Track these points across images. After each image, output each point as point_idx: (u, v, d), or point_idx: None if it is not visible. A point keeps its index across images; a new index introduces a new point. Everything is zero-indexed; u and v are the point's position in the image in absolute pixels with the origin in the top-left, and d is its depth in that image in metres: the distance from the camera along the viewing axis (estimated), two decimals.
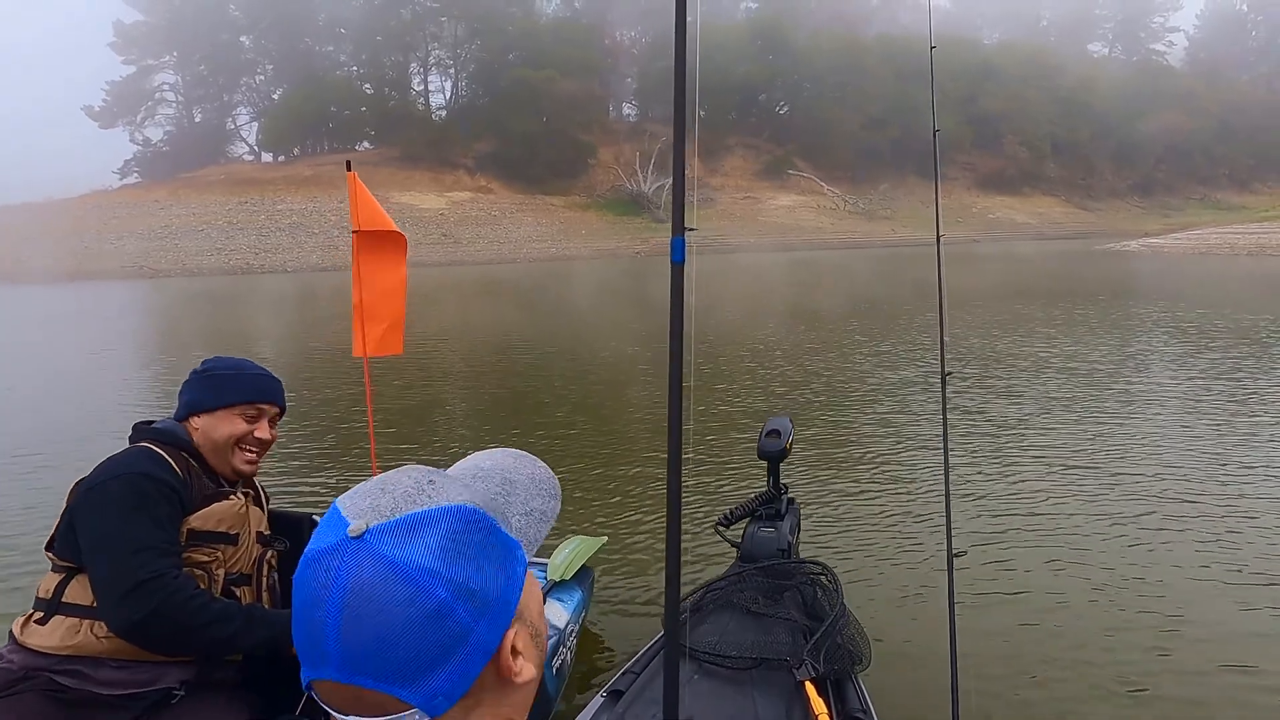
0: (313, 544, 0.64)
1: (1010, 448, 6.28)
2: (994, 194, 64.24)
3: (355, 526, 0.62)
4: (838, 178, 63.47)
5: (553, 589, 3.16)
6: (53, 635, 1.78)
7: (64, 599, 1.81)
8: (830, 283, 25.20)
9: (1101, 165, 72.01)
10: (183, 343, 15.16)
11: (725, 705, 2.22)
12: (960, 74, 65.06)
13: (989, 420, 7.15)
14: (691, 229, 1.99)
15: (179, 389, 2.14)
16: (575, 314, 18.48)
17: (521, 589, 0.67)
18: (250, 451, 2.11)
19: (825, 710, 2.13)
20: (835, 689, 2.28)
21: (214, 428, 2.06)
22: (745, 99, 66.76)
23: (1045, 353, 10.54)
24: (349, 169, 3.03)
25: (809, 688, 2.19)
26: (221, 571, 1.93)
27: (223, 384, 2.10)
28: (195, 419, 2.07)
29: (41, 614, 1.82)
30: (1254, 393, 8.00)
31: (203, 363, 2.16)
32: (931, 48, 2.68)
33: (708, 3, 70.29)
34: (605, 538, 3.80)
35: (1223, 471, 5.60)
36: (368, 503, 0.64)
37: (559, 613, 3.00)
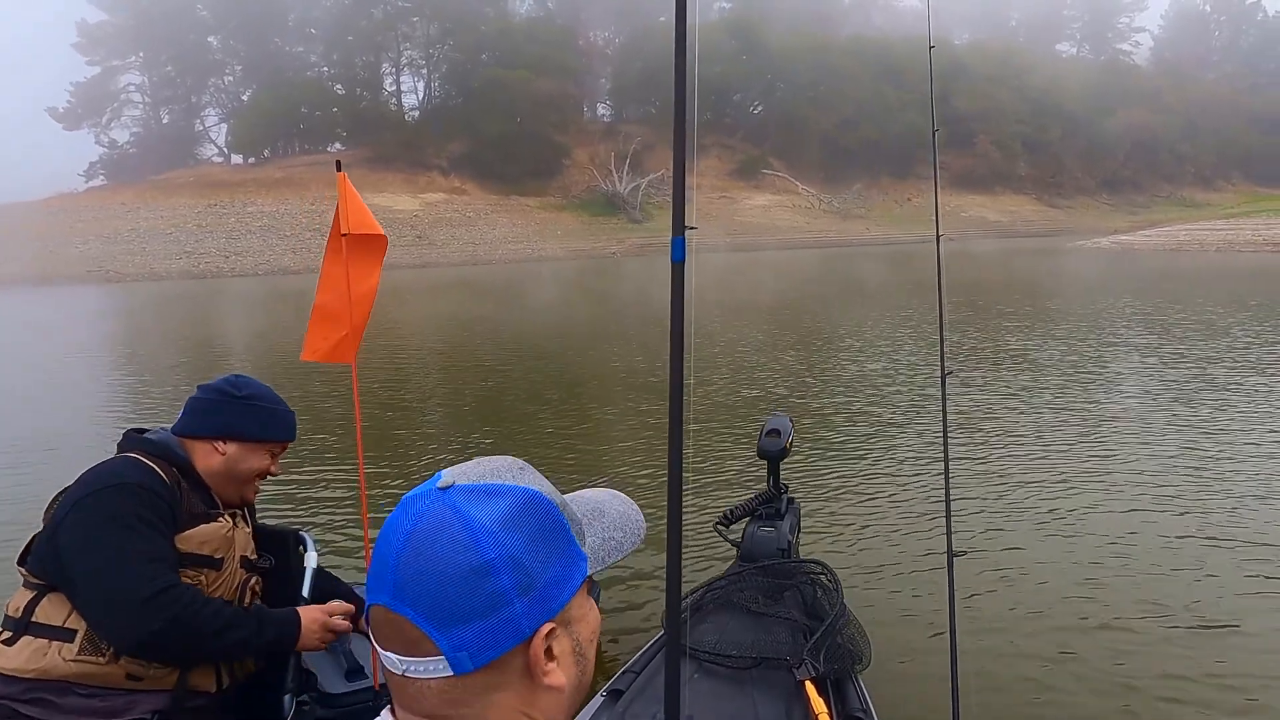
0: (408, 494, 0.71)
1: (1010, 446, 6.30)
2: (966, 193, 64.86)
3: (444, 481, 0.69)
4: (812, 177, 63.80)
5: None
6: (19, 657, 1.68)
7: (34, 618, 1.71)
8: (815, 281, 25.31)
9: (1071, 163, 72.97)
10: (155, 348, 14.91)
11: (725, 705, 2.21)
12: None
13: (988, 418, 7.16)
14: (692, 228, 1.96)
15: (192, 401, 2.01)
16: (557, 316, 18.40)
17: (574, 593, 0.71)
18: (259, 482, 2.07)
19: (825, 710, 2.12)
20: (835, 688, 2.28)
21: (245, 459, 2.00)
22: (720, 99, 66.93)
23: (1039, 351, 10.57)
24: (339, 169, 2.87)
25: (809, 687, 2.19)
26: None
27: (269, 418, 2.04)
28: (224, 444, 1.98)
29: (10, 634, 1.72)
30: (1243, 385, 8.13)
31: (234, 384, 2.04)
32: (930, 47, 2.67)
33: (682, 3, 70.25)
34: None
35: (1219, 464, 5.65)
36: (463, 469, 0.72)
37: None
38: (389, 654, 0.67)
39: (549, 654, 0.68)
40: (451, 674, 0.66)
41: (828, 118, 65.17)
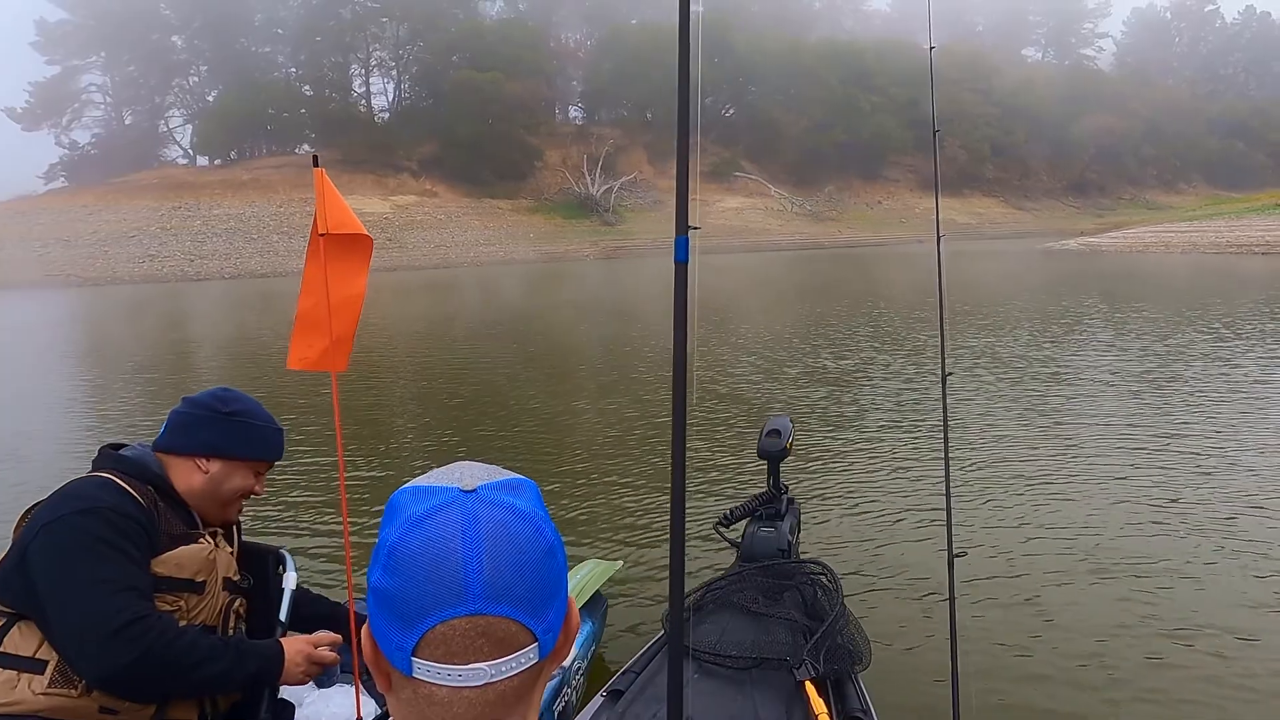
0: (415, 508, 0.67)
1: (1010, 446, 6.29)
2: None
3: (468, 484, 0.67)
4: (784, 180, 64.23)
5: None
6: None
7: (2, 649, 1.60)
8: (800, 281, 25.41)
9: (1037, 166, 74.25)
10: (122, 354, 14.62)
11: (725, 705, 2.19)
12: (901, 78, 66.57)
13: (989, 418, 7.14)
14: (696, 228, 1.92)
15: (175, 416, 1.90)
16: (540, 317, 18.31)
17: None
18: (243, 502, 1.97)
19: (825, 710, 2.11)
20: (835, 689, 2.27)
21: (229, 478, 1.89)
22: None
23: (1039, 354, 10.58)
24: (316, 164, 2.69)
25: (809, 687, 2.18)
26: (183, 623, 1.73)
27: (256, 437, 1.94)
28: (207, 462, 1.88)
29: None
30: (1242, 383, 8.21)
31: (221, 398, 1.92)
32: (930, 48, 2.65)
33: (650, 4, 70.47)
34: (620, 562, 3.60)
35: (1218, 463, 5.67)
36: (458, 474, 0.69)
37: None
38: (472, 667, 0.65)
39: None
40: (537, 660, 0.67)
41: (799, 121, 65.67)
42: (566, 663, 2.65)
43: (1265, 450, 5.91)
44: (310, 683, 1.91)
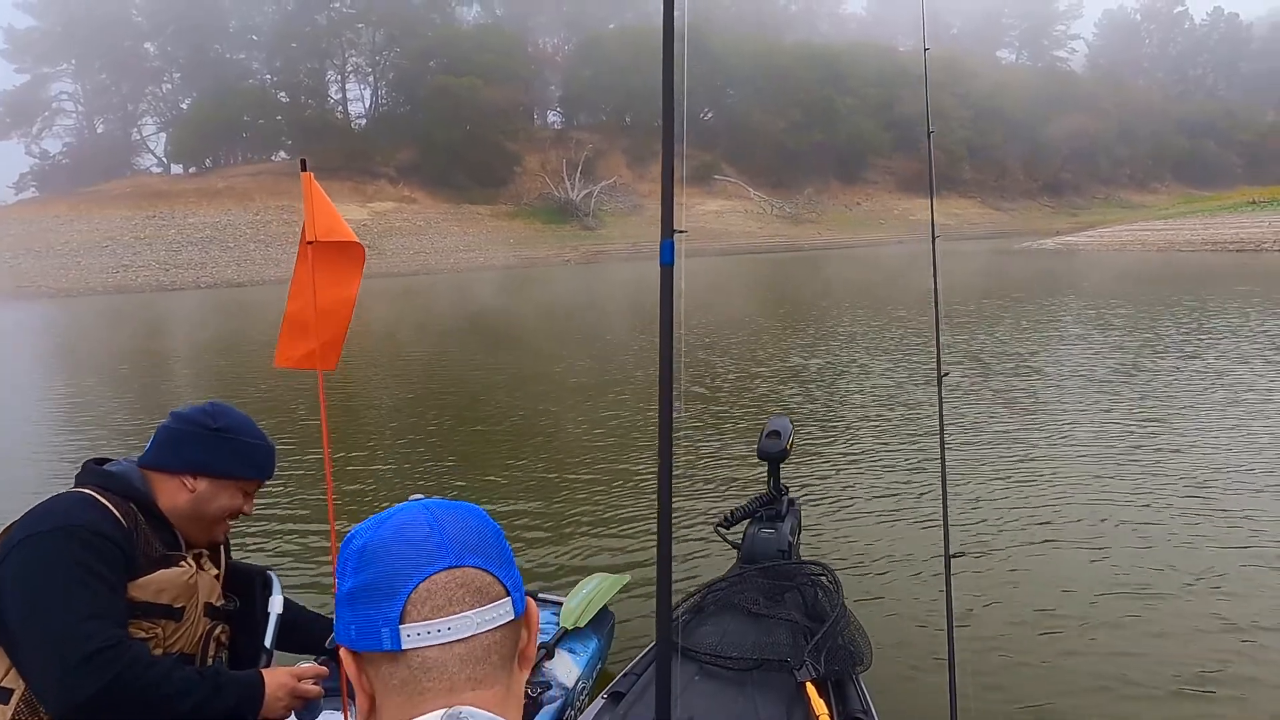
0: (373, 519, 0.75)
1: (1004, 444, 6.30)
2: (914, 197, 66.18)
3: (415, 499, 0.77)
4: (763, 182, 64.44)
5: (564, 638, 2.77)
6: None
7: None
8: (790, 282, 25.46)
9: (1013, 167, 75.04)
10: (99, 367, 14.41)
11: (726, 706, 2.20)
12: (878, 80, 67.00)
13: (986, 419, 7.13)
14: (681, 231, 1.92)
15: (162, 431, 1.83)
16: (527, 322, 18.24)
17: None
18: (229, 522, 1.90)
19: (826, 711, 2.11)
20: (836, 689, 2.27)
21: (215, 497, 1.82)
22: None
23: (1032, 350, 10.62)
24: (304, 168, 2.59)
25: (810, 688, 2.19)
26: (159, 651, 1.66)
27: (245, 454, 1.86)
28: (194, 479, 1.80)
29: None
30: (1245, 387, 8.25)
31: (210, 413, 1.85)
32: (926, 49, 2.65)
33: (628, 7, 70.54)
34: (628, 576, 3.55)
35: (1216, 463, 5.68)
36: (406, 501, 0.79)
37: (569, 667, 2.63)
38: (460, 617, 0.69)
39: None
40: (512, 617, 0.73)
41: (776, 123, 65.92)
42: (569, 683, 2.57)
43: (1236, 443, 6.03)
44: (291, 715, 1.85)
